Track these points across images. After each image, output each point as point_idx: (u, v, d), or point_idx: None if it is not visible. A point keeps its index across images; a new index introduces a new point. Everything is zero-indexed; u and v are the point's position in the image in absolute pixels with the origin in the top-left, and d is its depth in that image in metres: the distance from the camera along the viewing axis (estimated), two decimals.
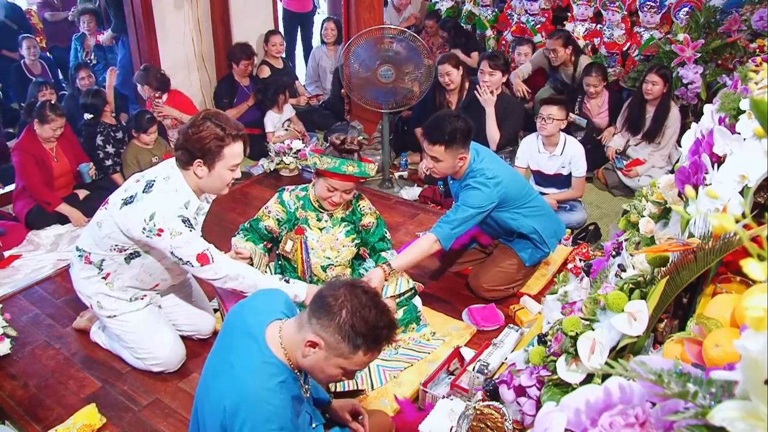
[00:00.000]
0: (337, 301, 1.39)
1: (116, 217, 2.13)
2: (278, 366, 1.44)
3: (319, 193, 2.36)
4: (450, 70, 4.14)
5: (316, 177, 2.37)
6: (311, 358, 1.42)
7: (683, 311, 1.18)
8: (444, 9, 6.33)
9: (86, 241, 2.28)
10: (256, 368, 1.42)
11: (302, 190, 2.48)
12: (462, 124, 2.49)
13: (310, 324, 1.41)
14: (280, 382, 1.42)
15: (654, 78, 4.02)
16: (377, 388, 2.28)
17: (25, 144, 3.61)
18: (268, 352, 1.44)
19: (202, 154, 2.06)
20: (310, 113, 5.30)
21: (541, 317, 1.83)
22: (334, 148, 2.31)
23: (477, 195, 2.52)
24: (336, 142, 2.32)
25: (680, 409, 0.67)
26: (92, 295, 2.33)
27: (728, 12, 4.61)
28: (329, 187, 2.31)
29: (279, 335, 1.46)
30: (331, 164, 2.25)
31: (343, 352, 1.39)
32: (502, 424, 1.39)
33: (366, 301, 1.40)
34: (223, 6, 4.87)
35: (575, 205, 3.72)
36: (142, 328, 2.36)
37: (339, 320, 1.37)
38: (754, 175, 1.02)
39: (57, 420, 2.19)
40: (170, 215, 2.07)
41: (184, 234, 2.08)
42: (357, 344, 1.38)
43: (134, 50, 4.61)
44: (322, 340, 1.39)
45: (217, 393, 1.45)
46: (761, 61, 1.60)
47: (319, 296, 1.43)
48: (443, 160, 2.52)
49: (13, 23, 5.45)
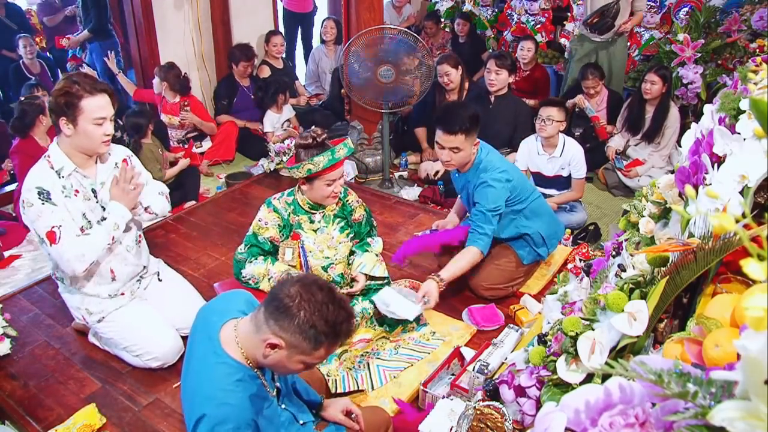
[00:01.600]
0: (294, 302, 1.37)
1: None
2: (233, 365, 1.43)
3: (320, 193, 2.33)
4: (449, 71, 4.15)
5: (308, 182, 2.32)
6: (272, 357, 1.41)
7: (683, 311, 1.18)
8: (444, 9, 6.33)
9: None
10: (210, 369, 1.43)
11: (288, 195, 2.43)
12: (472, 110, 2.54)
13: (268, 325, 1.39)
14: (236, 381, 1.41)
15: (653, 78, 4.02)
16: (377, 388, 2.28)
17: (22, 146, 3.61)
18: (221, 352, 1.44)
19: (62, 111, 2.09)
20: (311, 113, 5.30)
21: (541, 317, 1.83)
22: (311, 148, 2.25)
23: (493, 193, 2.54)
24: (308, 141, 2.26)
25: (680, 409, 0.67)
26: (79, 306, 2.36)
27: (728, 12, 4.62)
28: (327, 182, 2.29)
29: (234, 334, 1.46)
30: (324, 160, 2.22)
31: (305, 350, 1.39)
32: (502, 424, 1.39)
33: (323, 298, 1.38)
34: (223, 6, 4.87)
35: (575, 206, 3.72)
36: (131, 325, 2.37)
37: (298, 321, 1.36)
38: (754, 175, 1.02)
39: (57, 420, 2.19)
40: (29, 186, 2.13)
41: (35, 206, 2.11)
42: (319, 341, 1.38)
43: (134, 50, 4.61)
44: (282, 341, 1.38)
45: (185, 397, 1.48)
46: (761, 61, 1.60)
47: (274, 297, 1.41)
48: (463, 148, 2.53)
49: (13, 23, 5.45)
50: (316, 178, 2.27)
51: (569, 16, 5.54)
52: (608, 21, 4.39)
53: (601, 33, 4.47)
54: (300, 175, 2.25)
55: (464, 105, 2.57)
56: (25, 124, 3.57)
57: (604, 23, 4.41)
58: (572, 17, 5.42)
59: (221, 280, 2.92)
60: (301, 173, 2.25)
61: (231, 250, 3.28)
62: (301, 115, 5.17)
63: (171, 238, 3.41)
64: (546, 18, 5.69)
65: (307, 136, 2.27)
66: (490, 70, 4.00)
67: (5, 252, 3.43)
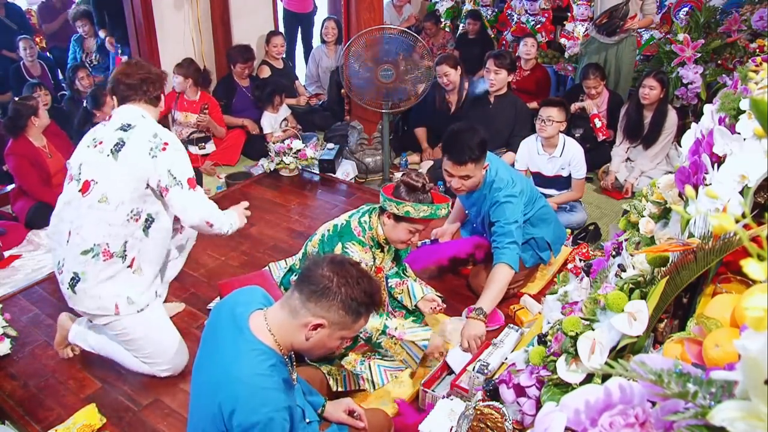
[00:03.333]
0: (333, 282, 1.44)
1: (119, 168, 2.12)
2: (266, 351, 1.47)
3: (399, 236, 2.22)
4: (448, 71, 4.15)
5: (395, 220, 2.20)
6: (315, 338, 1.48)
7: (683, 311, 1.18)
8: (444, 9, 6.33)
9: (95, 233, 2.14)
10: (244, 356, 1.44)
11: (369, 229, 2.29)
12: (481, 134, 2.47)
13: (308, 308, 1.45)
14: (270, 366, 1.45)
15: (651, 83, 3.97)
16: (378, 387, 2.28)
17: (16, 147, 3.59)
18: (254, 340, 1.47)
19: (161, 87, 2.28)
20: (311, 114, 5.30)
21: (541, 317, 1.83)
22: (413, 191, 2.15)
23: (510, 208, 2.52)
24: (417, 184, 2.15)
25: (680, 409, 0.67)
26: (120, 293, 2.20)
27: (728, 12, 4.62)
28: (412, 229, 2.21)
29: (265, 323, 1.50)
30: (428, 212, 2.15)
31: (347, 324, 1.48)
32: (502, 424, 1.38)
33: (356, 274, 1.47)
34: (223, 6, 4.87)
35: (575, 206, 3.72)
36: (160, 327, 2.32)
37: (341, 297, 1.44)
38: (754, 175, 1.02)
39: (57, 420, 2.19)
40: (160, 130, 2.19)
41: (174, 146, 2.19)
42: (360, 313, 1.48)
43: (134, 50, 4.61)
44: (325, 320, 1.45)
45: (209, 389, 1.47)
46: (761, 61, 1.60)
47: (308, 280, 1.46)
48: (474, 176, 2.50)
49: (13, 23, 5.45)
50: (406, 220, 2.18)
51: (569, 16, 5.53)
52: (617, 22, 4.39)
53: (609, 34, 4.47)
54: (395, 211, 2.16)
55: (472, 131, 2.45)
56: (18, 125, 3.55)
57: (613, 24, 4.41)
58: (572, 17, 5.42)
59: (221, 280, 2.92)
60: (398, 211, 2.15)
61: (231, 250, 3.29)
62: (301, 116, 5.17)
63: None
64: (546, 18, 5.70)
65: (419, 180, 2.16)
66: (490, 69, 4.00)
67: (5, 252, 3.43)
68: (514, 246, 2.50)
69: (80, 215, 2.17)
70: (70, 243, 2.20)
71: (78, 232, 2.18)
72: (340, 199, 3.98)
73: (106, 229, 2.15)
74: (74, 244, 2.18)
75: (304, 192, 4.04)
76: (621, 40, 4.48)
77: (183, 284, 2.98)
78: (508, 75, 4.04)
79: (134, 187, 2.14)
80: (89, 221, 2.16)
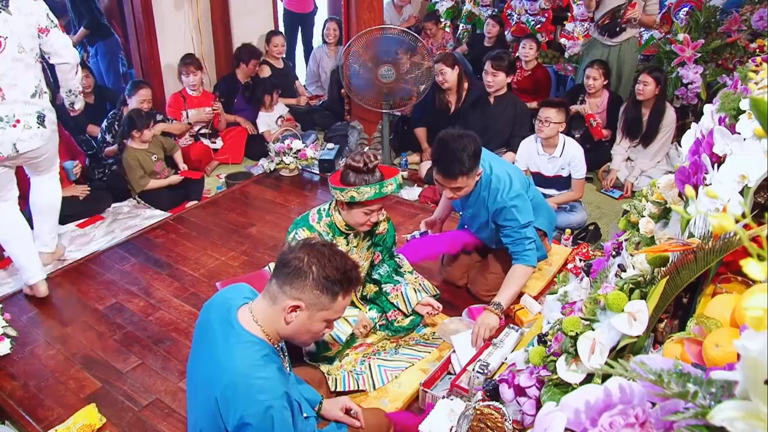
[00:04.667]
0: (304, 262, 1.45)
1: (16, 18, 2.52)
2: (258, 342, 1.48)
3: (356, 220, 2.22)
4: (444, 69, 4.13)
5: (347, 206, 2.21)
6: (295, 322, 1.48)
7: (683, 311, 1.18)
8: (444, 9, 6.33)
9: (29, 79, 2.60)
10: (236, 349, 1.45)
11: (326, 215, 2.30)
12: (471, 141, 2.34)
13: (284, 292, 1.46)
14: (263, 356, 1.46)
15: (646, 79, 4.02)
16: (378, 387, 2.28)
17: None
18: (244, 332, 1.48)
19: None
20: (311, 113, 5.30)
21: (541, 317, 1.83)
22: (358, 173, 2.14)
23: (518, 211, 2.47)
24: (359, 165, 2.12)
25: (680, 409, 0.67)
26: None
27: (728, 12, 4.62)
28: (366, 211, 2.20)
29: (251, 315, 1.51)
30: (371, 192, 2.14)
31: (325, 304, 1.48)
32: (502, 424, 1.39)
33: (328, 252, 1.48)
34: (223, 6, 4.87)
35: (575, 206, 3.72)
36: None
37: (313, 276, 1.45)
38: (754, 175, 1.02)
39: (57, 420, 2.19)
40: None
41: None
42: (335, 291, 1.47)
43: (134, 50, 4.61)
44: (302, 302, 1.46)
45: (204, 386, 1.48)
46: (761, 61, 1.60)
47: (283, 265, 1.48)
48: (466, 186, 2.42)
49: None
50: (356, 205, 2.18)
51: (569, 16, 5.53)
52: (619, 23, 4.39)
53: (611, 35, 4.47)
54: (341, 199, 2.17)
55: (463, 139, 2.32)
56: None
57: (615, 25, 4.41)
58: (572, 17, 5.41)
59: (221, 280, 2.92)
60: (343, 198, 2.15)
61: (231, 250, 3.29)
62: (301, 115, 5.17)
63: (171, 238, 3.41)
64: (546, 18, 5.69)
65: (360, 160, 2.13)
66: (487, 71, 3.99)
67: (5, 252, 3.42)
68: (532, 246, 2.51)
69: (8, 69, 2.52)
70: (10, 97, 2.55)
71: (15, 83, 2.55)
72: None
73: (32, 72, 2.59)
74: (17, 95, 2.57)
75: (304, 192, 4.04)
76: (623, 41, 4.49)
77: (183, 284, 2.99)
78: (506, 77, 4.03)
79: (32, 33, 2.56)
80: (19, 71, 2.55)
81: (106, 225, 3.73)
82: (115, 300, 2.87)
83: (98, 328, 2.68)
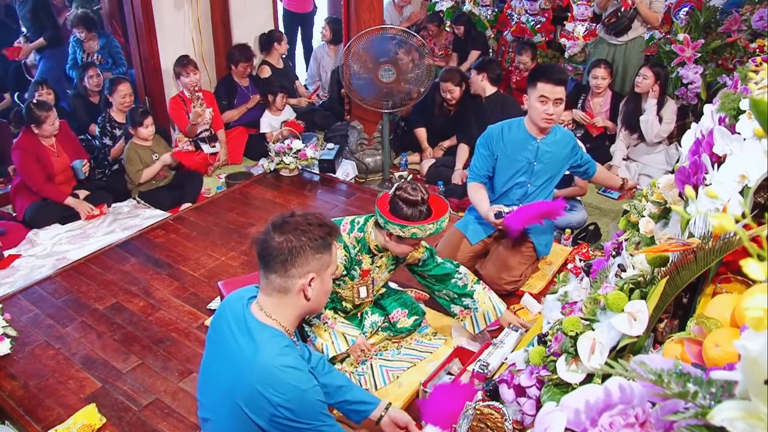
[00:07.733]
0: (293, 241, 1.48)
1: None
2: (277, 333, 1.51)
3: (402, 250, 2.16)
4: (452, 89, 4.36)
5: (396, 239, 2.12)
6: (314, 293, 1.52)
7: (683, 311, 1.18)
8: (444, 9, 6.32)
9: None
10: (259, 344, 1.47)
11: (359, 231, 2.23)
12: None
13: (292, 276, 1.48)
14: (285, 346, 1.49)
15: (646, 72, 4.11)
16: (380, 388, 2.28)
17: (23, 143, 3.64)
18: (262, 326, 1.51)
19: None
20: (311, 113, 5.30)
21: (541, 317, 1.83)
22: (414, 206, 2.04)
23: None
24: (415, 198, 2.04)
25: (680, 409, 0.67)
26: None
27: (728, 12, 4.62)
28: (416, 243, 2.17)
29: (262, 311, 1.53)
30: (433, 229, 2.07)
31: (327, 260, 1.54)
32: (502, 424, 1.39)
33: (302, 219, 1.52)
34: (223, 6, 4.87)
35: (575, 205, 3.72)
36: None
37: (309, 245, 1.48)
38: (754, 175, 1.02)
39: (57, 420, 2.19)
40: None
41: None
42: (329, 244, 1.53)
43: (134, 50, 4.61)
44: (312, 272, 1.50)
45: (228, 387, 1.49)
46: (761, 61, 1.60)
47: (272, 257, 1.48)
48: (563, 100, 2.62)
49: (13, 23, 5.44)
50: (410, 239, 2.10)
51: (569, 16, 5.53)
52: (625, 22, 4.41)
53: (617, 34, 4.49)
54: (400, 234, 2.06)
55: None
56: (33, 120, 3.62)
57: (621, 24, 4.42)
58: (572, 17, 5.41)
59: (221, 279, 2.92)
60: (404, 234, 2.06)
61: (231, 250, 3.29)
62: (301, 115, 5.17)
63: (171, 238, 3.41)
64: (546, 18, 5.69)
65: (416, 194, 2.05)
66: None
67: (5, 252, 3.43)
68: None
69: None
70: None
71: None
72: (340, 199, 3.98)
73: None
74: None
75: (304, 192, 4.05)
76: (629, 40, 4.51)
77: (183, 284, 2.99)
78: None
79: None
80: None
81: (106, 225, 3.74)
82: (115, 300, 2.87)
83: (98, 328, 2.68)
